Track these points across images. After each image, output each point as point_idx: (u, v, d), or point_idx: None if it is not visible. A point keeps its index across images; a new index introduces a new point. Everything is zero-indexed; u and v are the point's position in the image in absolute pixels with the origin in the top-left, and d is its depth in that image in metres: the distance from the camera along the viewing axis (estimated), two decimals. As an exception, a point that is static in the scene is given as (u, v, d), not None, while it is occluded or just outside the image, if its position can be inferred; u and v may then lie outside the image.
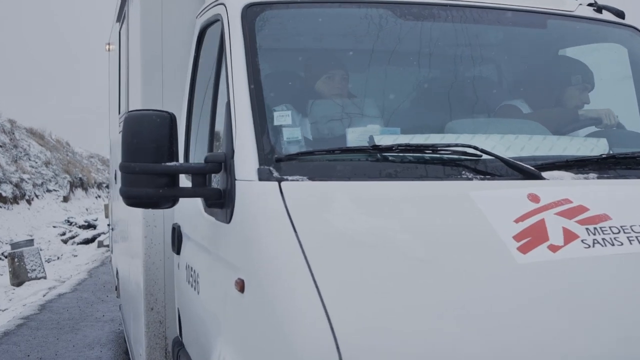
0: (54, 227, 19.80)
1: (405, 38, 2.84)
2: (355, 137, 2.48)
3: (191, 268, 2.97)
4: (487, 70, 3.34)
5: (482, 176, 2.23)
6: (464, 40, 2.89)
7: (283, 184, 2.08)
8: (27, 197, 21.32)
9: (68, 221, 20.72)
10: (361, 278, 1.80)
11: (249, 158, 2.21)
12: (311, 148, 2.42)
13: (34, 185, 22.36)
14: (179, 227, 3.31)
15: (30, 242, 13.39)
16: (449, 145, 2.29)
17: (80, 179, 27.18)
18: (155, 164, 2.25)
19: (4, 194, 19.30)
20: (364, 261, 1.85)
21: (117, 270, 6.57)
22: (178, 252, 3.31)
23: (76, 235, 18.45)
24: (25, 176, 22.04)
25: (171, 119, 2.30)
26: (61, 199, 24.04)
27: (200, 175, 2.37)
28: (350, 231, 1.94)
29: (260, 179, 2.13)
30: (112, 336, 7.59)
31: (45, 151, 26.27)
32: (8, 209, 19.70)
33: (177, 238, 3.30)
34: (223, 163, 2.37)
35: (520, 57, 3.38)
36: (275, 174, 2.13)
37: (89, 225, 19.77)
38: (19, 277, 11.86)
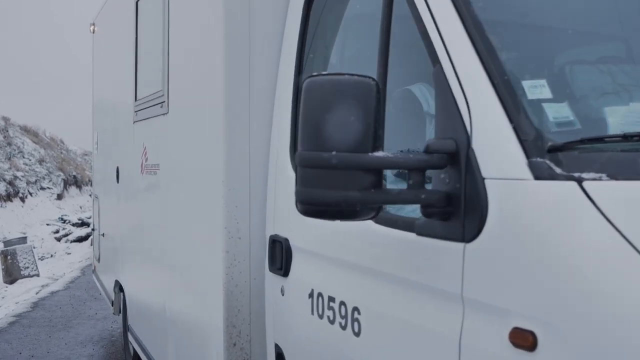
0: (48, 224, 19.79)
1: None
2: (618, 119, 1.82)
3: (331, 299, 2.28)
4: None
5: None
6: None
7: (586, 184, 1.44)
8: (20, 195, 21.28)
9: (62, 219, 20.69)
10: None
11: (505, 146, 1.58)
12: (593, 133, 1.70)
13: (28, 182, 22.31)
14: (286, 240, 2.62)
15: (23, 240, 13.38)
16: None
17: (75, 176, 27.13)
18: (361, 155, 1.56)
19: (-3, 192, 19.27)
20: None
21: (117, 284, 5.83)
22: (285, 274, 2.61)
23: (70, 233, 18.43)
24: (19, 174, 21.99)
25: (377, 90, 1.59)
26: (55, 196, 24.00)
27: (419, 171, 1.68)
28: None
29: (536, 177, 1.50)
30: (105, 334, 7.57)
31: (39, 149, 26.22)
32: (1, 206, 19.65)
33: (283, 255, 2.61)
34: (452, 154, 1.68)
35: None
36: (558, 169, 1.49)
37: (83, 223, 19.73)
38: (11, 275, 11.85)
